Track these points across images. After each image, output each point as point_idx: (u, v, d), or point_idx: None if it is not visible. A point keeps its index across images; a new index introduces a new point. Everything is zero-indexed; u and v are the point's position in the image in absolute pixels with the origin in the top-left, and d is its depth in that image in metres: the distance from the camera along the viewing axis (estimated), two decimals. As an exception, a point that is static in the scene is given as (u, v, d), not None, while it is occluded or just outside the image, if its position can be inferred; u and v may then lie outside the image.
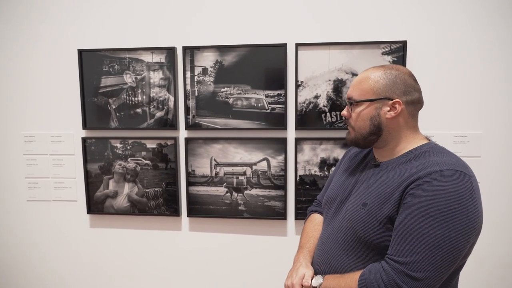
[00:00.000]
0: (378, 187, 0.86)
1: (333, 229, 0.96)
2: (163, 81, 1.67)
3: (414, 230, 0.75)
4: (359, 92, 0.90)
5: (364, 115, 0.90)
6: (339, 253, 0.91)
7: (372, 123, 0.89)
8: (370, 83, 0.89)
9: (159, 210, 1.74)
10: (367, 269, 0.82)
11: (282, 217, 1.67)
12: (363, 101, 0.90)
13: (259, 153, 1.65)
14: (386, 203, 0.82)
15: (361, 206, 0.87)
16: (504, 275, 1.60)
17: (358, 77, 0.94)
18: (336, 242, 0.93)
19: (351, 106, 0.93)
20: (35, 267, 1.89)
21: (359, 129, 0.92)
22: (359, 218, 0.86)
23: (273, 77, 1.60)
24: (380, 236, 0.82)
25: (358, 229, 0.86)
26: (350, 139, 0.96)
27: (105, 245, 1.83)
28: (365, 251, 0.86)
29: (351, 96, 0.92)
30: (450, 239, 0.72)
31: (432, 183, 0.76)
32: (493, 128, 1.54)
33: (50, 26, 1.71)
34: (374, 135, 0.90)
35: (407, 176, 0.81)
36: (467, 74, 1.52)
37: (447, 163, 0.78)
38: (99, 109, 1.72)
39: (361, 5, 1.54)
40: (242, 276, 1.75)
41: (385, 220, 0.81)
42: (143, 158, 1.73)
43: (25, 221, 1.86)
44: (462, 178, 0.76)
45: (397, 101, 0.87)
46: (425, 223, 0.74)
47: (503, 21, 1.48)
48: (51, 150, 1.80)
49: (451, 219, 0.73)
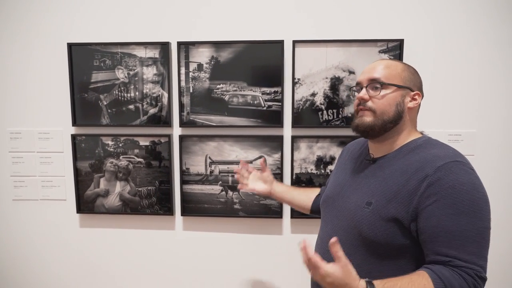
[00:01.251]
0: (381, 185, 0.86)
1: (333, 228, 0.95)
2: (157, 77, 1.63)
3: (455, 230, 0.76)
4: (386, 75, 0.88)
5: (390, 99, 0.88)
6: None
7: (397, 109, 0.88)
8: (398, 70, 0.89)
9: (152, 209, 1.70)
10: (439, 274, 0.76)
11: (278, 216, 1.65)
12: (392, 84, 0.88)
13: (255, 151, 1.63)
14: (392, 202, 0.81)
15: (365, 205, 0.86)
16: (496, 273, 1.63)
17: (379, 63, 0.91)
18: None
19: (375, 89, 0.88)
20: (21, 269, 1.82)
21: (381, 113, 0.88)
22: (364, 217, 0.85)
23: (270, 74, 1.58)
24: (386, 234, 0.82)
25: (363, 228, 0.85)
26: (366, 123, 0.89)
27: (95, 245, 1.77)
28: (369, 250, 0.85)
29: (377, 77, 0.88)
30: (486, 228, 0.78)
31: (445, 178, 0.77)
32: (487, 126, 1.56)
33: (38, 18, 1.64)
34: (393, 123, 0.88)
35: (412, 172, 0.81)
36: (462, 73, 1.54)
37: (447, 155, 0.81)
38: (89, 105, 1.66)
39: (359, 2, 1.53)
40: (238, 275, 1.73)
41: (391, 219, 0.81)
42: (135, 156, 1.68)
43: (10, 222, 1.79)
44: (465, 168, 0.79)
45: (417, 93, 0.90)
46: (461, 220, 0.76)
47: (499, 20, 1.50)
48: (38, 147, 1.73)
49: (479, 210, 0.77)
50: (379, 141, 0.93)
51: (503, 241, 1.60)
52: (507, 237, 1.60)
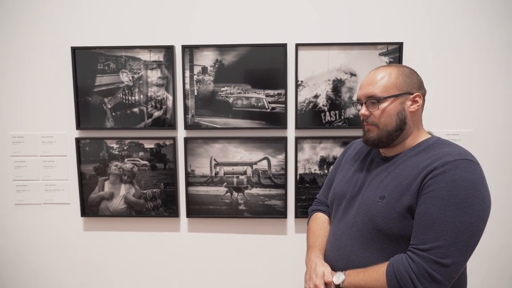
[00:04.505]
0: (394, 180, 0.89)
1: (347, 224, 0.97)
2: (161, 80, 1.64)
3: (437, 218, 0.78)
4: (381, 88, 0.91)
5: (390, 111, 0.91)
6: (357, 247, 0.93)
7: (399, 118, 0.91)
8: (392, 79, 0.91)
9: (157, 211, 1.71)
10: (393, 260, 0.84)
11: (283, 216, 1.68)
12: (388, 97, 0.91)
13: (259, 152, 1.66)
14: (405, 195, 0.85)
15: (378, 199, 0.89)
16: (493, 270, 1.69)
17: (373, 75, 0.94)
18: (353, 236, 0.94)
19: (372, 104, 0.92)
20: (24, 274, 1.80)
21: (384, 126, 0.92)
22: (378, 211, 0.88)
23: (273, 77, 1.61)
24: (400, 226, 0.85)
25: (378, 221, 0.88)
26: (373, 138, 0.93)
27: (100, 249, 1.77)
28: (385, 243, 0.88)
29: (374, 93, 0.92)
30: (472, 224, 0.77)
31: (449, 172, 0.80)
32: (484, 126, 1.62)
33: (42, 22, 1.64)
34: (398, 131, 0.92)
35: (423, 167, 0.84)
36: (460, 74, 1.59)
37: (458, 153, 0.84)
38: (93, 109, 1.67)
39: (360, 6, 1.58)
40: (243, 275, 1.75)
41: (405, 211, 0.84)
42: (140, 159, 1.69)
43: (13, 226, 1.78)
44: (474, 166, 0.81)
45: (417, 95, 0.92)
46: (448, 211, 0.78)
47: (496, 23, 1.56)
48: (41, 151, 1.72)
49: (470, 206, 0.77)
50: (390, 146, 0.96)
51: (499, 239, 1.66)
52: (504, 234, 1.66)
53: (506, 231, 1.66)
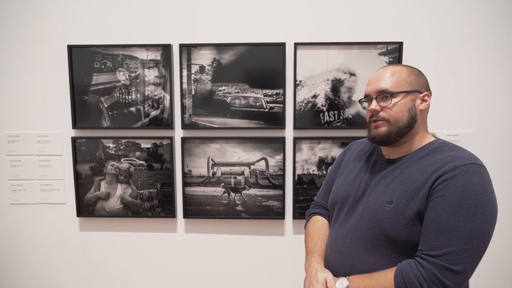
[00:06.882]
0: (401, 184, 0.86)
1: (351, 229, 0.94)
2: (159, 79, 1.63)
3: (449, 224, 0.76)
4: (394, 83, 0.89)
5: (402, 106, 0.89)
6: (360, 252, 0.90)
7: (410, 114, 0.89)
8: (403, 76, 0.90)
9: (153, 211, 1.69)
10: (401, 266, 0.81)
11: (280, 217, 1.66)
12: (400, 92, 0.89)
13: (257, 153, 1.64)
14: (414, 199, 0.82)
15: (385, 203, 0.87)
16: (496, 273, 1.67)
17: (384, 72, 0.92)
18: (357, 241, 0.91)
19: (385, 98, 0.90)
20: (20, 274, 1.79)
21: (396, 121, 0.89)
22: (385, 216, 0.86)
23: (272, 76, 1.59)
24: (408, 232, 0.83)
25: (385, 226, 0.85)
26: (382, 133, 0.90)
27: (96, 249, 1.75)
28: (390, 248, 0.86)
29: (386, 88, 0.89)
30: (483, 230, 0.76)
31: (460, 177, 0.78)
32: (484, 127, 1.60)
33: (38, 20, 1.63)
34: (408, 128, 0.90)
35: (432, 171, 0.82)
36: (460, 75, 1.58)
37: (467, 157, 0.82)
38: (90, 108, 1.65)
39: (360, 6, 1.56)
40: (241, 277, 1.73)
41: (414, 216, 0.82)
42: (137, 159, 1.67)
43: (8, 226, 1.76)
44: (482, 171, 0.80)
45: (426, 94, 0.91)
46: (459, 217, 0.76)
47: (496, 23, 1.54)
48: (37, 150, 1.71)
49: (481, 211, 0.76)
50: (396, 145, 0.93)
51: (501, 240, 1.64)
52: (505, 236, 1.64)
53: (507, 233, 1.64)
